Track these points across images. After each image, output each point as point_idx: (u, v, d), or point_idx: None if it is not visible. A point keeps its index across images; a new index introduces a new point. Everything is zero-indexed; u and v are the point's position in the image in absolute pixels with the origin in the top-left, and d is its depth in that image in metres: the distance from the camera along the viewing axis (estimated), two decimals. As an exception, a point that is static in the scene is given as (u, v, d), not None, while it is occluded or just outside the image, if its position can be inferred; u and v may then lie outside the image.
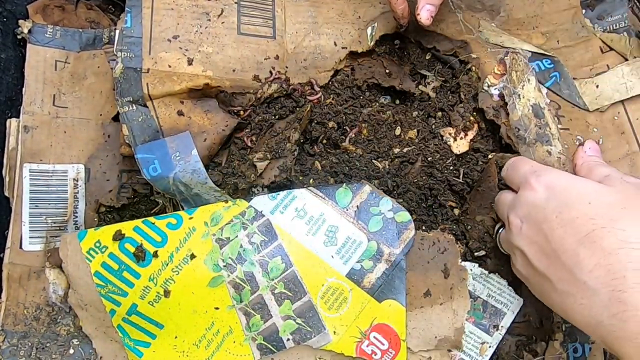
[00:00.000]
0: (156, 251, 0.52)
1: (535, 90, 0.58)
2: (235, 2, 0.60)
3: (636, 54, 0.61)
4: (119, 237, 0.52)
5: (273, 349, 0.53)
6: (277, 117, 0.60)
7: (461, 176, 0.61)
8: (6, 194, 0.58)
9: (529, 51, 0.61)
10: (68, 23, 0.63)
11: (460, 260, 0.55)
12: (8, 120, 0.59)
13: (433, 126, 0.62)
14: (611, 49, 0.62)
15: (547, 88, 0.61)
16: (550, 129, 0.57)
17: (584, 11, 0.65)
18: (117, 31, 0.56)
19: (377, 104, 0.64)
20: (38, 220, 0.57)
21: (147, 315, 0.53)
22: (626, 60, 0.62)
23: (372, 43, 0.62)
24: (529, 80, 0.58)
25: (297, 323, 0.53)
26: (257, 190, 0.57)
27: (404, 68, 0.64)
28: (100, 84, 0.61)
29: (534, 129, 0.57)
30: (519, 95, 0.58)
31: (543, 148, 0.57)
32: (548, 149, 0.56)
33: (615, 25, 0.64)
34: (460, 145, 0.61)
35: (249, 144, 0.59)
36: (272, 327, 0.53)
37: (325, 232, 0.54)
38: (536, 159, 0.57)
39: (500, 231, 0.55)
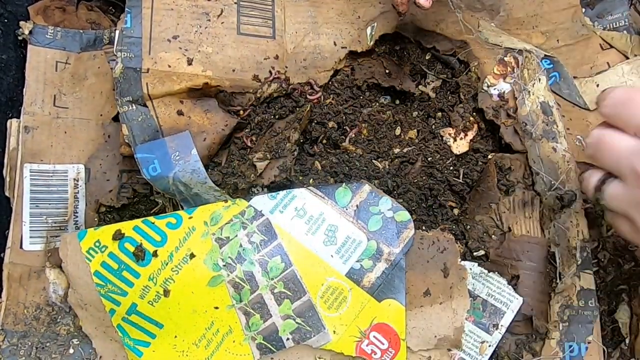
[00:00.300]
0: (156, 251, 0.52)
1: (545, 90, 0.58)
2: (235, 2, 0.60)
3: (637, 52, 0.61)
4: (118, 236, 0.52)
5: (273, 348, 0.53)
6: (276, 117, 0.60)
7: (461, 176, 0.61)
8: (7, 194, 0.58)
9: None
10: (69, 24, 0.63)
11: (459, 260, 0.55)
12: (9, 121, 0.59)
13: (433, 126, 0.62)
14: (611, 46, 0.62)
15: (547, 87, 0.61)
16: (557, 126, 0.57)
17: (583, 10, 0.65)
18: (117, 31, 0.56)
19: (377, 104, 0.64)
20: (38, 220, 0.57)
21: (146, 315, 0.53)
22: (627, 58, 0.62)
23: (372, 43, 0.62)
24: (539, 79, 0.58)
25: (297, 322, 0.53)
26: (257, 190, 0.57)
27: (404, 68, 0.65)
28: (100, 85, 0.61)
29: (541, 125, 0.57)
30: (529, 92, 0.58)
31: (549, 144, 0.57)
32: (554, 146, 0.57)
33: (616, 24, 0.64)
34: (460, 146, 0.61)
35: (249, 144, 0.59)
36: (271, 326, 0.53)
37: (324, 231, 0.54)
38: (541, 155, 0.56)
39: (605, 185, 0.46)
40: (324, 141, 0.61)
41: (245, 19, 0.60)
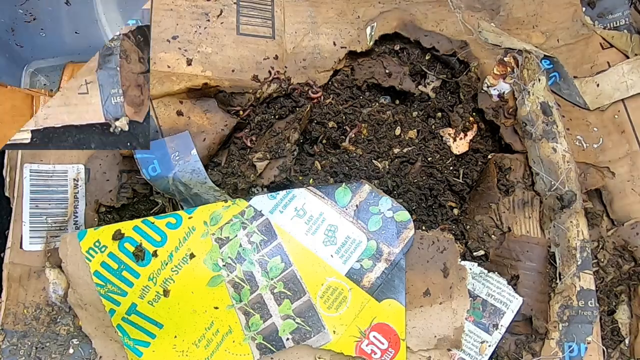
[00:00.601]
0: (155, 250, 0.52)
1: (545, 90, 0.58)
2: (235, 3, 0.60)
3: (637, 51, 0.61)
4: (118, 236, 0.53)
5: (272, 348, 0.53)
6: (276, 117, 0.60)
7: (461, 176, 0.61)
8: (7, 194, 0.58)
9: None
10: (69, 24, 0.64)
11: (459, 260, 0.55)
12: (9, 121, 0.59)
13: (433, 126, 0.62)
14: (612, 46, 0.62)
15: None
16: (557, 127, 0.57)
17: (584, 9, 0.65)
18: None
19: (377, 104, 0.64)
20: (38, 220, 0.57)
21: (146, 315, 0.53)
22: (627, 57, 0.62)
23: (372, 43, 0.62)
24: (539, 79, 0.58)
25: (297, 322, 0.53)
26: (257, 190, 0.57)
27: (404, 68, 0.64)
28: (100, 85, 0.61)
29: (540, 125, 0.57)
30: (529, 92, 0.58)
31: (549, 145, 0.57)
32: (553, 146, 0.57)
33: (616, 23, 0.64)
34: (459, 146, 0.61)
35: (249, 144, 0.59)
36: (271, 326, 0.53)
37: (324, 231, 0.54)
38: (541, 156, 0.57)
39: None
40: (324, 141, 0.61)
41: (245, 19, 0.60)
